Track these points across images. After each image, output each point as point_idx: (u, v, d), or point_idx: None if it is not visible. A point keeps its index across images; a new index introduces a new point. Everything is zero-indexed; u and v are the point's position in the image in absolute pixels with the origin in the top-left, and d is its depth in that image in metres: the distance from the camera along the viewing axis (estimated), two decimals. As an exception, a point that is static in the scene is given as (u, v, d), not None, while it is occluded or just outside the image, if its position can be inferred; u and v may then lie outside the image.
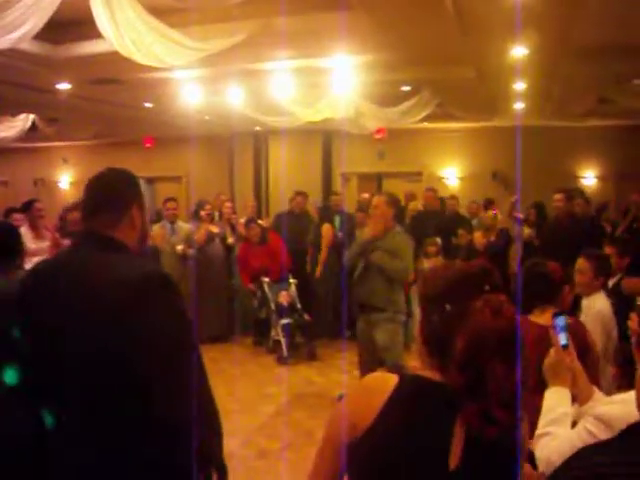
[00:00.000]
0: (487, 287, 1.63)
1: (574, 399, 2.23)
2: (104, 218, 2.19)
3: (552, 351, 2.32)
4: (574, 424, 2.18)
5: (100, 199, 2.24)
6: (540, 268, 3.56)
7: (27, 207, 7.71)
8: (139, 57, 5.67)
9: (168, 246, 8.76)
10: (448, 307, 1.61)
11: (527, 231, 9.11)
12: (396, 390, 1.65)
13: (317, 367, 8.26)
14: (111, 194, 2.25)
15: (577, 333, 2.93)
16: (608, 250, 5.57)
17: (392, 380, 1.67)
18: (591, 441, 1.91)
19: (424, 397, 1.64)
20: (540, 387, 2.50)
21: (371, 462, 1.64)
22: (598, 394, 2.29)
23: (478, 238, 9.15)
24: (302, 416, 6.48)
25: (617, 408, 2.04)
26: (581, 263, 4.53)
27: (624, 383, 3.58)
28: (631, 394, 1.66)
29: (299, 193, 10.43)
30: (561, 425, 2.11)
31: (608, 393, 2.49)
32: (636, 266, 5.55)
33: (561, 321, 2.36)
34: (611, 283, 5.34)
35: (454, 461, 1.57)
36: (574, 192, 9.16)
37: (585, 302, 4.57)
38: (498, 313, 1.57)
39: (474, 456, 1.57)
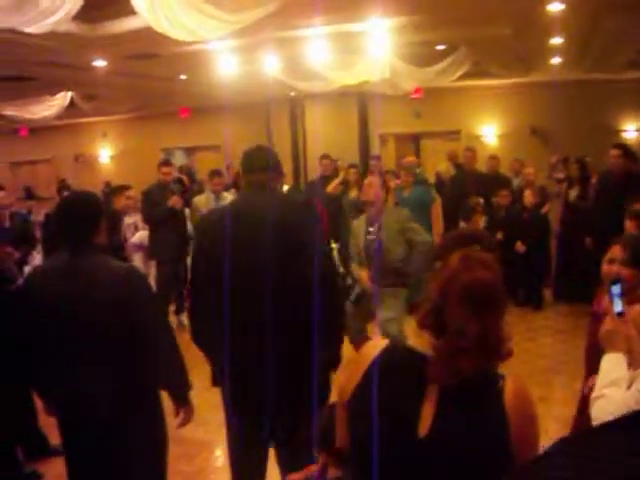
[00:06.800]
0: (477, 247, 1.69)
1: (629, 365, 2.25)
2: None
3: (607, 318, 2.34)
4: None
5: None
6: None
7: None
8: (173, 32, 5.70)
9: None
10: (437, 264, 1.70)
11: (573, 194, 8.83)
12: (378, 357, 1.72)
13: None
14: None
15: None
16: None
17: (378, 347, 1.75)
18: None
19: (401, 365, 1.71)
20: None
21: (352, 425, 1.74)
22: None
23: (528, 197, 9.03)
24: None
25: None
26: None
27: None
28: None
29: (325, 156, 10.25)
30: (616, 388, 2.14)
31: None
32: None
33: (617, 288, 2.30)
34: None
35: (423, 430, 1.61)
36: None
37: None
38: (469, 266, 1.62)
39: (443, 426, 1.61)
